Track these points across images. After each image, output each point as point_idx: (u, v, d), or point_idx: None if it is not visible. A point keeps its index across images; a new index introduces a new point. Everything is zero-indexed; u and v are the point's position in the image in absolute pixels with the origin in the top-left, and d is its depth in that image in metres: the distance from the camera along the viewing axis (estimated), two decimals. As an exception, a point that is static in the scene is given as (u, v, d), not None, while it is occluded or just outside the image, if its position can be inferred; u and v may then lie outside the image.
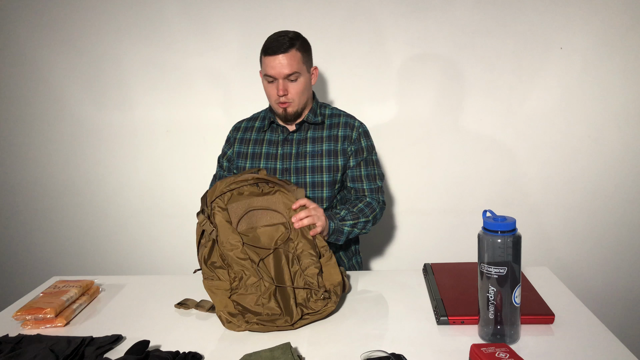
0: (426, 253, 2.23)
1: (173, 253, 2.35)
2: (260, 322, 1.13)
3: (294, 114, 1.57)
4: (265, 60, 1.51)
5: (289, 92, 1.52)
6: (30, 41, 2.22)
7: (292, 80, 1.52)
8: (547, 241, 2.18)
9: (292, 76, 1.51)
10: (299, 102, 1.55)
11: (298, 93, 1.53)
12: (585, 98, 2.04)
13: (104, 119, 2.28)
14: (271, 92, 1.55)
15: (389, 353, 0.98)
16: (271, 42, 1.50)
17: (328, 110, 1.67)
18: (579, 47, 2.00)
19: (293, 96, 1.53)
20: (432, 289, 1.28)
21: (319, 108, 1.65)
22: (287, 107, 1.55)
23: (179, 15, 2.13)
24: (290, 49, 1.49)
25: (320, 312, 1.17)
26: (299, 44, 1.52)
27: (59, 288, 1.33)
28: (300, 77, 1.53)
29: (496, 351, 0.91)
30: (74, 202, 2.38)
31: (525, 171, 2.13)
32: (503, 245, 0.99)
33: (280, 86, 1.50)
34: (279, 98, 1.52)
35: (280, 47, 1.48)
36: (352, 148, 1.61)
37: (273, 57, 1.48)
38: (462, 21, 2.02)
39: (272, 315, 1.15)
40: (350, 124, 1.63)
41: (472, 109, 2.10)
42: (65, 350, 1.03)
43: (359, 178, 1.61)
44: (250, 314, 1.16)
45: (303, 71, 1.53)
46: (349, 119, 1.64)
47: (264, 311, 1.16)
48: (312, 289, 1.20)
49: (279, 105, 1.55)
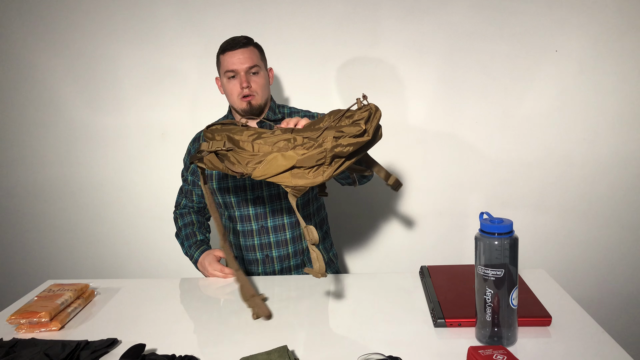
0: (423, 256, 2.23)
1: (169, 257, 2.34)
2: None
3: (258, 107, 1.57)
4: (224, 58, 1.54)
5: (251, 84, 1.54)
6: (25, 44, 2.21)
7: (254, 73, 1.55)
8: (544, 244, 2.18)
9: (254, 69, 1.54)
10: (262, 95, 1.57)
11: (260, 86, 1.56)
12: (581, 101, 2.05)
13: (98, 121, 2.27)
14: (233, 88, 1.55)
15: (386, 356, 0.98)
16: (228, 42, 1.56)
17: (287, 109, 1.69)
18: (574, 50, 2.00)
19: (256, 89, 1.55)
20: (429, 291, 1.28)
21: (277, 107, 1.67)
22: (251, 100, 1.55)
23: (173, 18, 2.12)
24: (249, 45, 1.55)
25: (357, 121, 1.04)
26: (254, 43, 1.58)
27: (53, 292, 1.32)
28: (260, 71, 1.56)
29: (494, 353, 0.91)
30: (69, 205, 2.37)
31: (522, 174, 2.13)
32: (500, 247, 0.99)
33: (243, 78, 1.52)
34: (242, 91, 1.53)
35: (239, 44, 1.53)
36: None
37: (233, 52, 1.52)
38: (457, 24, 2.02)
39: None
40: (311, 116, 1.65)
41: (468, 112, 2.11)
42: (60, 354, 1.03)
43: None
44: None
45: (262, 67, 1.58)
46: (309, 113, 1.67)
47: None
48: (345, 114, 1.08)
49: (242, 100, 1.55)
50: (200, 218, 1.73)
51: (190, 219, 1.70)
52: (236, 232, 1.65)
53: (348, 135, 1.02)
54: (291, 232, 1.62)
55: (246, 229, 1.62)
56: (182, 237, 1.68)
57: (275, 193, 1.60)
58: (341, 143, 1.01)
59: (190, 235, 1.66)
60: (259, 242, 1.62)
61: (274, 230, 1.61)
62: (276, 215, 1.61)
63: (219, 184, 1.61)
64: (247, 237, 1.62)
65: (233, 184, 1.60)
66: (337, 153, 1.01)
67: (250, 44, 1.56)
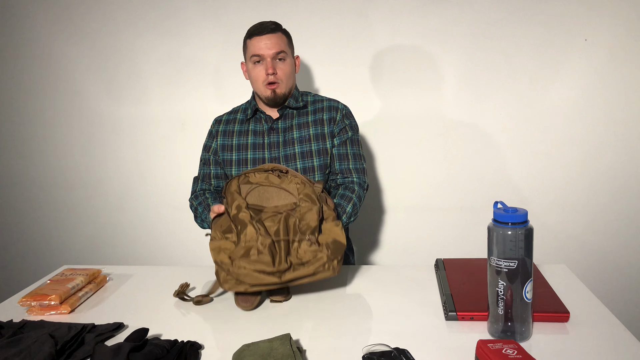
0: (442, 250, 2.18)
1: (186, 245, 2.35)
2: (248, 274, 1.14)
3: (282, 95, 1.55)
4: (251, 42, 1.52)
5: (277, 71, 1.51)
6: (48, 36, 2.24)
7: (281, 60, 1.52)
8: (566, 239, 2.10)
9: (280, 55, 1.52)
10: (287, 84, 1.55)
11: (286, 74, 1.54)
12: (611, 92, 1.96)
13: (120, 112, 2.29)
14: (258, 74, 1.53)
15: (392, 347, 0.95)
16: (256, 27, 1.53)
17: (310, 97, 1.66)
18: (604, 39, 1.92)
19: (281, 76, 1.52)
20: (443, 284, 1.24)
21: (300, 95, 1.64)
22: (275, 88, 1.53)
23: (194, 8, 2.12)
24: (277, 31, 1.52)
25: (310, 263, 1.15)
26: (283, 29, 1.56)
27: (65, 276, 1.33)
28: (287, 57, 1.54)
29: (504, 347, 0.87)
30: (90, 193, 2.40)
31: (546, 167, 2.06)
32: (514, 238, 0.95)
33: (269, 64, 1.50)
34: (268, 78, 1.51)
35: (267, 29, 1.51)
36: (337, 128, 1.60)
37: (260, 37, 1.50)
38: (482, 12, 1.96)
39: (263, 264, 1.14)
40: (334, 106, 1.62)
41: (491, 103, 2.04)
42: (65, 336, 1.03)
43: (345, 156, 1.58)
44: (241, 262, 1.15)
45: (289, 54, 1.56)
46: (332, 102, 1.64)
47: (256, 264, 1.15)
48: (301, 239, 1.19)
49: (267, 87, 1.53)
50: (216, 196, 1.68)
51: (205, 197, 1.63)
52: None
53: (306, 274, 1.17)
54: None
55: None
56: (198, 213, 1.59)
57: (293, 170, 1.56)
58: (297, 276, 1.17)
59: (204, 203, 1.59)
60: None
61: None
62: None
63: (238, 170, 1.60)
64: None
65: (252, 157, 1.58)
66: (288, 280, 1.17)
67: (279, 29, 1.53)
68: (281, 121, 1.60)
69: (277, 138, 1.59)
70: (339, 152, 1.59)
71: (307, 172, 1.56)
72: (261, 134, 1.60)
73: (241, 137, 1.61)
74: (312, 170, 1.57)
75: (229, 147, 1.62)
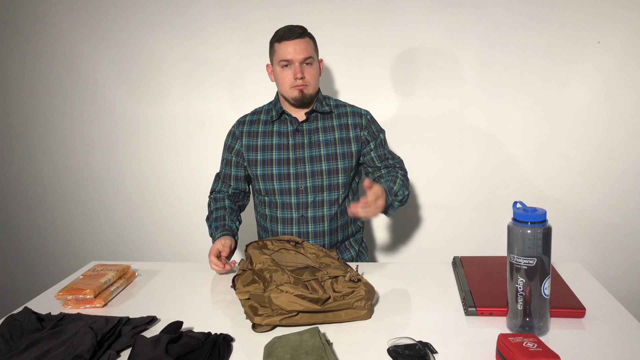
0: (457, 249, 2.21)
1: (206, 242, 2.39)
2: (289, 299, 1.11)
3: (309, 96, 1.60)
4: (280, 47, 1.56)
5: (305, 75, 1.56)
6: (71, 38, 2.30)
7: (308, 64, 1.57)
8: (581, 238, 2.14)
9: (308, 60, 1.57)
10: (314, 86, 1.61)
11: (314, 77, 1.59)
12: (624, 94, 1.99)
13: (141, 112, 2.35)
14: (286, 77, 1.58)
15: (416, 341, 0.99)
16: (284, 31, 1.57)
17: (332, 101, 1.72)
18: (618, 41, 1.95)
19: (309, 80, 1.58)
20: (461, 280, 1.28)
21: (324, 99, 1.70)
22: (303, 89, 1.58)
23: (213, 9, 2.17)
24: (304, 36, 1.57)
25: (350, 296, 1.14)
26: (309, 34, 1.61)
27: (97, 271, 1.39)
28: (314, 62, 1.59)
29: (524, 341, 0.91)
30: (113, 191, 2.46)
31: (560, 167, 2.09)
32: (533, 237, 0.99)
33: (297, 69, 1.55)
34: (296, 81, 1.56)
35: (295, 34, 1.55)
36: (365, 133, 1.66)
37: (289, 41, 1.55)
38: (496, 14, 2.00)
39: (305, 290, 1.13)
40: (358, 112, 1.69)
41: (505, 104, 2.08)
42: (104, 328, 1.08)
43: (384, 156, 1.67)
44: (281, 288, 1.14)
45: (315, 58, 1.61)
46: (355, 108, 1.71)
47: (296, 289, 1.14)
48: (338, 277, 1.21)
49: (295, 88, 1.57)
50: (233, 205, 1.73)
51: (223, 204, 1.70)
52: (274, 219, 1.67)
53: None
54: (329, 224, 1.64)
55: (286, 216, 1.65)
56: (211, 220, 1.67)
57: (319, 185, 1.62)
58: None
59: (220, 219, 1.65)
60: (297, 231, 1.64)
61: (313, 220, 1.63)
62: (317, 207, 1.63)
63: (263, 170, 1.65)
64: (285, 225, 1.65)
65: (277, 172, 1.63)
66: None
67: (306, 34, 1.58)
68: (306, 123, 1.65)
69: (302, 139, 1.63)
70: (378, 154, 1.66)
71: (332, 174, 1.62)
72: (286, 135, 1.65)
73: (266, 138, 1.66)
74: (336, 172, 1.62)
75: (254, 148, 1.67)
